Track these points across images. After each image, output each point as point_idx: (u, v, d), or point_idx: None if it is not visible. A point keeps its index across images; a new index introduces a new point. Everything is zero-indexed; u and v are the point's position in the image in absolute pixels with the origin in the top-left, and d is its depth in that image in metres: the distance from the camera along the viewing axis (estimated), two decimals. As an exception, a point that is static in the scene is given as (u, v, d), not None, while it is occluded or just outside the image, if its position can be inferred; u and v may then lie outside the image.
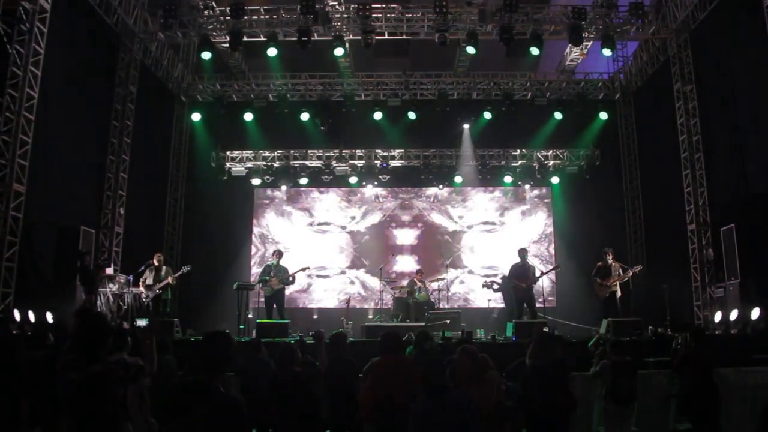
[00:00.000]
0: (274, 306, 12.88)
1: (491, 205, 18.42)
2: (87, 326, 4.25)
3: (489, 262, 17.67)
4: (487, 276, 17.07)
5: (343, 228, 18.30)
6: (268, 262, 13.53)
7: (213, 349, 3.55)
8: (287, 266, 13.30)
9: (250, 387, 6.63)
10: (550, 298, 15.42)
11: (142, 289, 12.19)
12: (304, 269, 13.43)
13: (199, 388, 3.26)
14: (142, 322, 11.06)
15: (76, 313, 4.43)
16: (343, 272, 18.02)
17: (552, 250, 17.85)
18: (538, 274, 12.81)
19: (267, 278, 12.89)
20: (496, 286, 14.67)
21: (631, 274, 12.17)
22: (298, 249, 17.47)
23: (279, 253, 13.42)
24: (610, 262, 12.17)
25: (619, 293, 12.09)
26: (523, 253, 12.90)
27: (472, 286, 17.50)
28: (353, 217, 18.36)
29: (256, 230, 18.26)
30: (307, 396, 6.18)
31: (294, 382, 6.18)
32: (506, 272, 13.50)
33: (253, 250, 18.09)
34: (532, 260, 13.28)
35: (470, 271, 17.81)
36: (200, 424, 3.09)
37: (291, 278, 13.09)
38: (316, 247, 17.95)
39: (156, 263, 12.28)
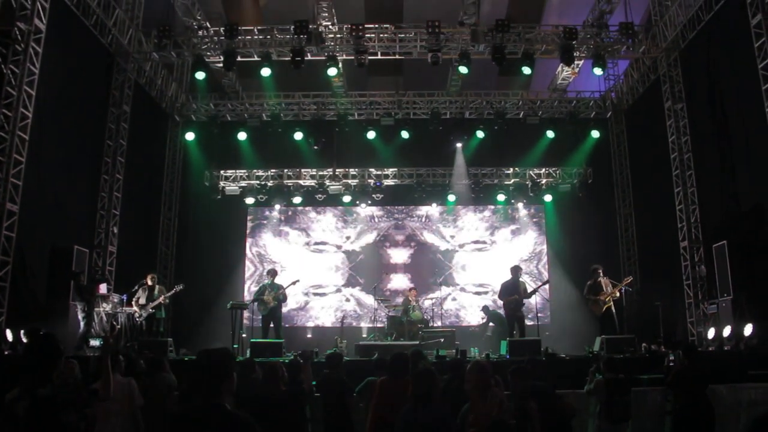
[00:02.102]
0: (271, 325, 12.83)
1: (481, 224, 18.49)
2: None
3: (480, 280, 17.76)
4: (478, 293, 17.25)
5: (339, 247, 18.33)
6: (264, 282, 13.49)
7: (211, 366, 3.17)
8: (282, 284, 13.30)
9: (244, 407, 6.59)
10: (540, 315, 15.43)
11: (135, 308, 12.13)
12: (294, 282, 13.38)
13: (201, 414, 3.02)
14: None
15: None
16: (338, 290, 18.03)
17: (542, 268, 17.89)
18: (529, 290, 12.80)
19: (262, 297, 12.89)
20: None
21: (621, 286, 12.17)
22: (295, 268, 17.45)
23: (273, 273, 13.45)
24: (599, 279, 12.19)
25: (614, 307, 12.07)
26: (515, 271, 12.87)
27: (464, 303, 17.57)
28: (348, 237, 18.39)
29: (253, 250, 18.26)
30: (290, 415, 6.13)
31: (278, 401, 6.15)
32: (496, 289, 13.49)
33: (251, 269, 18.08)
34: (523, 278, 13.22)
35: (462, 289, 17.85)
36: None
37: (283, 295, 13.07)
38: (312, 266, 17.97)
39: (149, 283, 12.23)
